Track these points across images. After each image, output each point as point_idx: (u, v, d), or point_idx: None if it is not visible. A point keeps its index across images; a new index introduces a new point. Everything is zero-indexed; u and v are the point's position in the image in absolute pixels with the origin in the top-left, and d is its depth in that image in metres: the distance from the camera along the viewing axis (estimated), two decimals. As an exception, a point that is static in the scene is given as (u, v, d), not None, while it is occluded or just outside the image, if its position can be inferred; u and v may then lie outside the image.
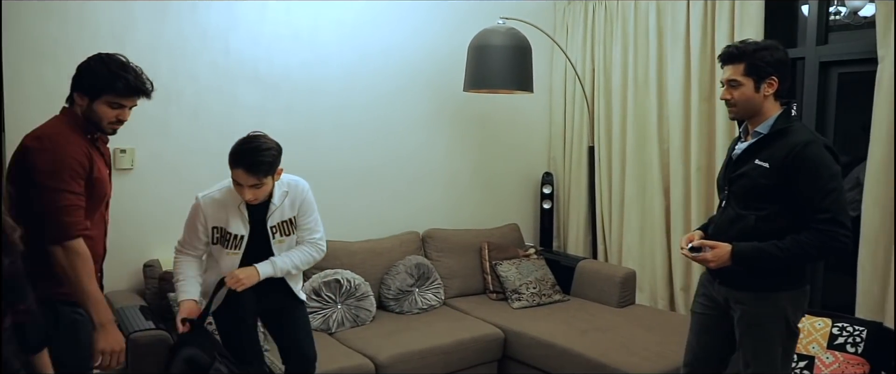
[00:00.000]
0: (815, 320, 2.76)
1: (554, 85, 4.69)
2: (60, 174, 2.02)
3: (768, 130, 2.14)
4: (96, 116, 2.17)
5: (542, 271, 4.03)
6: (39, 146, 2.05)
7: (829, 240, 2.02)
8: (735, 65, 2.15)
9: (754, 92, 2.13)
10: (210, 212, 2.48)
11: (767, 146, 2.12)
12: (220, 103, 3.47)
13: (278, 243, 2.55)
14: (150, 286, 3.12)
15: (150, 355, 2.60)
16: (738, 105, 2.17)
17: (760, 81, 2.12)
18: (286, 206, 2.53)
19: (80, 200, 2.06)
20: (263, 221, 2.50)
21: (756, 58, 2.12)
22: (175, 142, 3.36)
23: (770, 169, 2.08)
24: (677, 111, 3.90)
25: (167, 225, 3.34)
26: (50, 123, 2.17)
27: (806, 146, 2.04)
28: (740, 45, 2.17)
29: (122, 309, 2.86)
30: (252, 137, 2.47)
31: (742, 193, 2.18)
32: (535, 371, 3.36)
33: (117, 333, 2.11)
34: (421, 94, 4.16)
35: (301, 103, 3.72)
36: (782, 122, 2.14)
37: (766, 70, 2.12)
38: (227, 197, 2.49)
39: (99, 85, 2.15)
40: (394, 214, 4.05)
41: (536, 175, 4.72)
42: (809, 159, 2.03)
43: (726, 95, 2.19)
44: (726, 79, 2.19)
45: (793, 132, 2.11)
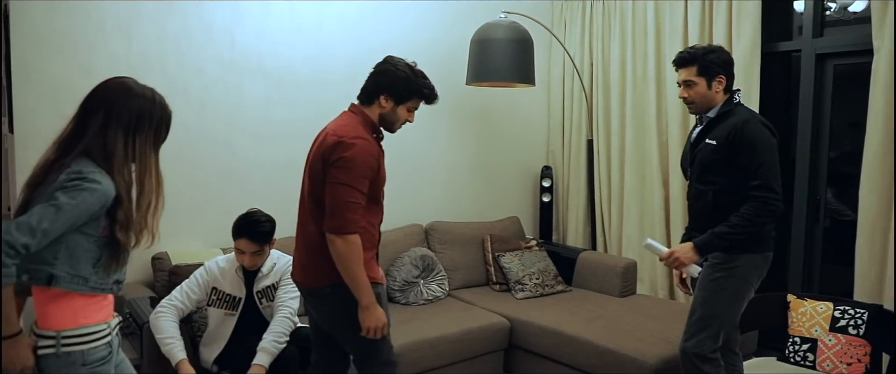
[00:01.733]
0: (817, 303, 2.83)
1: (552, 80, 4.74)
2: (355, 173, 2.16)
3: (715, 114, 2.50)
4: (395, 117, 2.36)
5: (544, 262, 4.08)
6: (354, 145, 2.18)
7: (763, 205, 2.36)
8: (688, 68, 2.49)
9: (707, 89, 2.48)
10: (215, 275, 2.75)
11: (714, 127, 2.48)
12: (226, 96, 3.48)
13: (265, 308, 2.80)
14: (159, 279, 3.13)
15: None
16: (696, 102, 2.51)
17: (711, 79, 2.47)
18: (272, 274, 2.80)
19: (363, 198, 2.19)
20: (251, 283, 2.77)
21: (706, 60, 2.46)
22: (181, 134, 3.34)
23: (717, 145, 2.43)
24: (676, 104, 3.95)
25: (175, 218, 3.35)
26: (352, 124, 2.30)
27: (745, 124, 2.39)
28: (691, 50, 2.52)
29: (132, 301, 2.87)
30: (251, 212, 2.75)
31: (699, 170, 2.53)
32: (542, 359, 3.41)
33: (379, 311, 2.23)
34: (423, 88, 4.18)
35: (305, 96, 3.74)
36: (726, 106, 2.49)
37: (715, 70, 2.46)
38: (229, 265, 2.79)
39: (408, 90, 2.33)
40: (397, 206, 4.07)
41: (535, 169, 4.77)
42: (747, 135, 2.37)
43: (684, 93, 2.53)
44: (682, 80, 2.52)
45: (734, 114, 2.46)
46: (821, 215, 3.60)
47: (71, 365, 1.64)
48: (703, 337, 2.50)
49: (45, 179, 1.64)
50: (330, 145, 2.19)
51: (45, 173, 1.67)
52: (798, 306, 2.86)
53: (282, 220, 2.95)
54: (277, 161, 3.65)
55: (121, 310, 2.97)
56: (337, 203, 2.13)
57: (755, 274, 2.52)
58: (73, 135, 1.70)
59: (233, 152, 3.52)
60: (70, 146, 1.69)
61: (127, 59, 3.19)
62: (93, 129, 1.68)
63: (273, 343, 2.65)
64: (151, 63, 3.26)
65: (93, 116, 1.70)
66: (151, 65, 3.25)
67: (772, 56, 3.71)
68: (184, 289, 2.74)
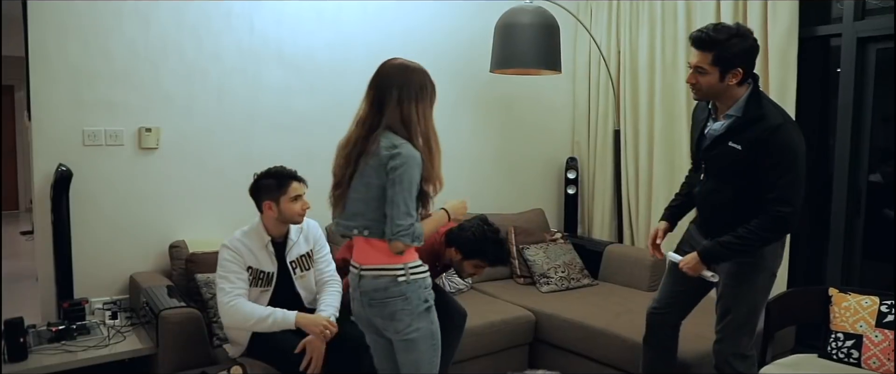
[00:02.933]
0: (862, 298, 2.68)
1: (578, 68, 4.62)
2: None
3: (741, 113, 2.22)
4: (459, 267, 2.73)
5: (570, 255, 3.96)
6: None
7: (776, 220, 2.17)
8: (704, 52, 2.19)
9: (719, 82, 2.19)
10: (244, 253, 2.57)
11: (741, 130, 2.21)
12: (244, 83, 3.41)
13: (300, 279, 2.69)
14: (176, 267, 3.07)
15: (180, 333, 2.54)
16: (703, 90, 2.25)
17: (726, 72, 2.17)
18: (302, 241, 2.69)
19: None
20: (284, 257, 2.64)
21: (725, 48, 2.15)
22: (200, 122, 3.31)
23: (742, 151, 2.19)
24: (707, 91, 3.81)
25: (192, 206, 3.30)
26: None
27: (776, 130, 2.14)
28: (712, 33, 2.17)
29: (149, 290, 2.81)
30: (270, 168, 2.69)
31: (717, 170, 2.33)
32: (569, 354, 3.30)
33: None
34: (444, 76, 4.06)
35: (324, 85, 3.66)
36: (755, 107, 2.20)
37: (733, 61, 2.16)
38: (253, 239, 2.61)
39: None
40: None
41: (560, 160, 4.65)
42: (778, 144, 2.14)
43: (691, 79, 2.26)
44: (694, 64, 2.23)
45: (765, 117, 2.18)
46: (862, 208, 3.44)
47: (418, 286, 2.06)
48: (741, 336, 2.40)
49: (366, 149, 2.02)
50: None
51: (361, 148, 2.04)
52: (841, 301, 2.72)
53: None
54: (297, 150, 3.57)
55: (137, 299, 2.93)
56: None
57: (777, 262, 2.41)
58: (372, 113, 2.06)
59: (251, 141, 3.45)
60: (375, 123, 2.04)
61: (145, 45, 3.13)
62: (390, 105, 2.02)
63: (331, 311, 2.58)
64: (169, 49, 3.19)
65: (387, 94, 2.04)
66: (169, 51, 3.19)
67: (808, 41, 3.55)
68: (229, 278, 2.51)
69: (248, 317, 2.46)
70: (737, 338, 2.39)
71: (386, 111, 2.02)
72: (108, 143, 3.08)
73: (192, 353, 2.57)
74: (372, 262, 2.06)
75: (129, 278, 3.13)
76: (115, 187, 3.11)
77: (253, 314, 2.47)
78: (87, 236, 3.05)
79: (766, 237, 2.20)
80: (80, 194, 3.00)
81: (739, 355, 2.40)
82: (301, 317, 2.48)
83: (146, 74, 3.15)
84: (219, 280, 2.53)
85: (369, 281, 2.06)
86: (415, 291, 2.04)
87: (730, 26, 2.20)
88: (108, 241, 3.11)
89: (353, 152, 2.06)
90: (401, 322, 2.04)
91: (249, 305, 2.49)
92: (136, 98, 3.13)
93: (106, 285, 3.11)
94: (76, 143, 3.01)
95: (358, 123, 2.09)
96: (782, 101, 3.45)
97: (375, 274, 2.05)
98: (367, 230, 2.05)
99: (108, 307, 2.91)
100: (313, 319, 2.48)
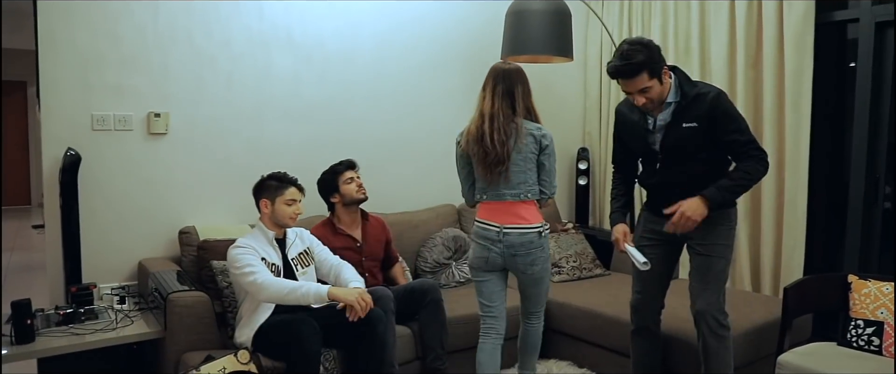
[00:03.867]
0: (882, 284, 2.62)
1: (589, 57, 4.57)
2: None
3: (678, 97, 2.46)
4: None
5: (581, 245, 3.92)
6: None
7: (761, 160, 2.41)
8: (638, 78, 2.38)
9: (660, 85, 2.43)
10: (255, 247, 2.66)
11: (686, 110, 2.44)
12: (254, 69, 3.39)
13: (302, 275, 2.76)
14: (186, 254, 3.05)
15: (189, 316, 2.52)
16: (655, 100, 2.45)
17: (660, 75, 2.42)
18: (299, 241, 2.85)
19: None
20: (285, 253, 2.77)
21: (650, 61, 2.37)
22: (209, 107, 3.29)
23: (699, 127, 2.42)
24: (721, 79, 3.76)
25: (202, 192, 3.28)
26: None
27: (717, 97, 2.42)
28: (629, 60, 2.37)
29: (157, 274, 2.79)
30: (273, 173, 2.83)
31: (680, 154, 2.48)
32: (580, 342, 3.26)
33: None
34: (455, 64, 4.06)
35: (334, 72, 3.64)
36: (689, 86, 2.46)
37: (659, 64, 2.40)
38: (259, 237, 2.74)
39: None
40: (429, 186, 3.96)
41: (571, 151, 4.60)
42: (723, 107, 2.42)
43: (640, 100, 2.44)
44: (635, 90, 2.42)
45: (702, 91, 2.44)
46: (880, 195, 3.38)
47: (546, 238, 2.61)
48: (721, 290, 2.52)
49: (517, 132, 2.53)
50: None
51: (506, 134, 2.52)
52: (860, 287, 2.66)
53: (311, 198, 2.97)
54: (306, 138, 3.56)
55: (145, 285, 2.91)
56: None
57: (736, 218, 2.63)
58: (504, 105, 2.55)
59: (260, 128, 3.43)
60: (509, 112, 2.55)
61: (154, 30, 3.11)
62: (518, 100, 2.57)
63: (360, 283, 2.71)
64: (178, 34, 3.18)
65: (515, 90, 2.58)
66: (178, 36, 3.17)
67: (825, 26, 3.49)
68: (253, 263, 2.57)
69: (282, 287, 2.52)
70: (719, 292, 2.52)
71: (517, 104, 2.55)
72: (116, 127, 3.06)
73: (201, 337, 2.55)
74: (517, 222, 2.55)
75: (138, 263, 3.11)
76: (124, 173, 3.10)
77: (287, 284, 2.55)
78: (95, 222, 3.03)
79: (759, 174, 2.42)
80: (89, 180, 2.99)
81: (723, 310, 2.51)
82: (334, 289, 2.55)
83: (155, 60, 3.13)
84: (242, 269, 2.55)
85: (515, 237, 2.53)
86: (546, 242, 2.61)
87: (632, 46, 2.40)
88: (117, 226, 3.09)
89: (504, 136, 2.50)
90: (537, 266, 2.57)
91: (282, 279, 2.60)
92: (144, 83, 3.12)
93: (115, 271, 3.09)
94: (85, 127, 3.00)
95: (490, 113, 2.54)
96: (799, 84, 3.40)
97: (521, 231, 2.54)
98: (530, 193, 2.57)
99: (117, 293, 2.89)
100: (347, 291, 2.57)
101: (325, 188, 3.15)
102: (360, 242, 3.14)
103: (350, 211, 3.16)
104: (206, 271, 2.90)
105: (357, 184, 3.13)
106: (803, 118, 3.42)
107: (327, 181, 3.14)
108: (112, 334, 2.55)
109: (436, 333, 2.95)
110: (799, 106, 3.44)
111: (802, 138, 3.44)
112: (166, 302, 2.49)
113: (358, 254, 3.09)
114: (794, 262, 3.48)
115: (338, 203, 3.14)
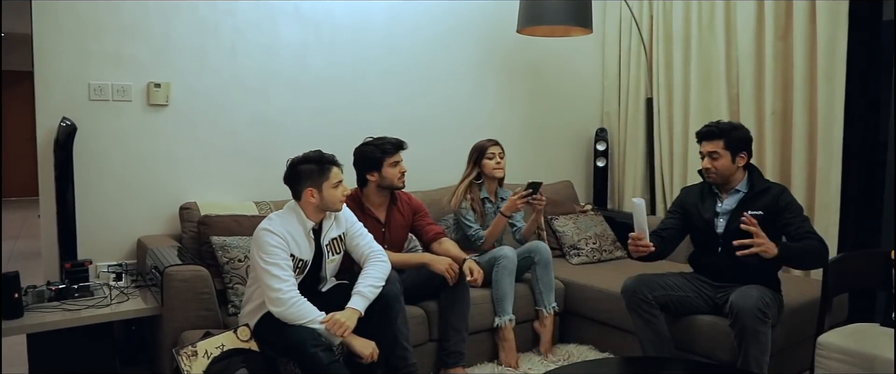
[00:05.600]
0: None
1: (608, 33, 4.40)
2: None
3: (747, 188, 2.66)
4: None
5: (601, 226, 3.75)
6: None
7: (823, 244, 2.50)
8: (715, 141, 2.63)
9: (731, 163, 2.63)
10: (288, 239, 2.35)
11: (755, 200, 2.61)
12: (260, 38, 3.24)
13: (330, 263, 2.55)
14: (187, 230, 2.90)
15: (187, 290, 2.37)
16: (718, 173, 2.64)
17: (736, 155, 2.63)
18: (335, 225, 2.54)
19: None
20: (320, 242, 2.48)
21: (731, 136, 2.62)
22: (212, 79, 3.14)
23: (764, 215, 2.54)
24: (748, 53, 3.59)
25: (203, 167, 3.14)
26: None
27: (782, 192, 2.62)
28: (717, 125, 2.67)
29: (155, 250, 2.64)
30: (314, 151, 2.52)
31: (744, 236, 2.45)
32: (600, 325, 3.11)
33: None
34: (469, 38, 3.90)
35: (344, 44, 3.48)
36: (760, 181, 2.68)
37: (739, 146, 2.62)
38: (296, 226, 2.41)
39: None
40: (442, 164, 3.79)
41: (589, 132, 4.43)
42: (788, 199, 2.60)
43: (708, 164, 2.66)
44: (708, 151, 2.65)
45: (771, 186, 2.66)
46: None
47: None
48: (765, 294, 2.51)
49: None
50: None
51: None
52: (905, 264, 2.48)
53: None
54: (314, 110, 3.41)
55: (144, 262, 2.77)
56: None
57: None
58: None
59: (266, 100, 3.28)
60: None
61: (154, -4, 2.97)
62: None
63: (370, 288, 2.41)
64: (180, 1, 3.03)
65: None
66: (180, 3, 3.03)
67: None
68: (281, 265, 2.29)
69: (303, 316, 2.26)
70: (762, 294, 2.50)
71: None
72: (115, 98, 2.92)
73: (200, 315, 2.40)
74: None
75: (137, 241, 2.97)
76: (122, 145, 2.96)
77: (310, 313, 2.27)
78: (92, 197, 2.89)
79: (822, 254, 2.47)
80: (86, 152, 2.85)
81: (765, 302, 2.47)
82: (328, 323, 2.29)
83: (156, 27, 2.99)
84: (268, 266, 2.26)
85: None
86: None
87: (727, 122, 2.74)
88: (115, 202, 2.95)
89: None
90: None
91: (309, 305, 2.29)
92: (145, 52, 2.97)
93: (113, 249, 2.95)
94: (82, 97, 2.86)
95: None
96: (832, 55, 3.22)
97: None
98: None
99: (114, 269, 2.75)
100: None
101: (366, 163, 2.84)
102: (385, 227, 2.92)
103: (382, 194, 2.90)
104: (206, 247, 2.76)
105: (401, 171, 2.84)
106: (837, 91, 3.25)
107: (371, 158, 2.82)
108: (106, 309, 2.41)
109: (461, 313, 2.80)
110: (832, 78, 3.25)
111: (836, 113, 3.26)
112: (163, 277, 2.34)
113: (381, 239, 2.81)
114: (828, 241, 3.25)
115: (373, 182, 2.85)
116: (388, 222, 2.92)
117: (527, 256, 3.10)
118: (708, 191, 2.74)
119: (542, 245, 3.13)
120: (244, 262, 2.66)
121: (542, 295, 3.10)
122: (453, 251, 2.87)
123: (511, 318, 2.98)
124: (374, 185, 2.86)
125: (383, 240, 2.86)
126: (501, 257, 2.99)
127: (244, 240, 2.72)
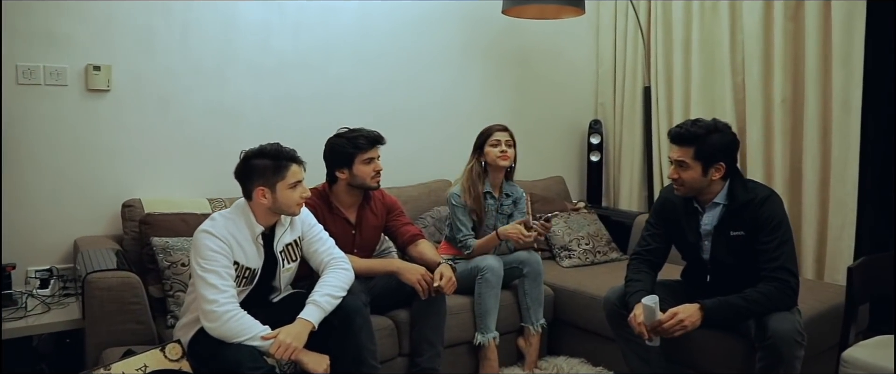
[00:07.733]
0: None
1: (602, 18, 4.10)
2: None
3: (727, 200, 2.24)
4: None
5: (594, 226, 3.44)
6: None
7: (783, 289, 2.10)
8: (684, 147, 2.19)
9: (702, 176, 2.19)
10: (233, 245, 2.06)
11: (739, 214, 2.22)
12: (215, 18, 2.93)
13: (286, 272, 2.25)
14: (129, 230, 2.59)
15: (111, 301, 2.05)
16: (686, 186, 2.23)
17: (709, 167, 2.18)
18: (289, 229, 2.23)
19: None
20: (272, 249, 2.18)
21: (707, 143, 2.16)
22: (160, 61, 2.83)
23: (746, 235, 2.21)
24: (755, 36, 3.31)
25: (150, 159, 2.83)
26: None
27: (764, 203, 2.18)
28: (691, 128, 2.19)
29: (87, 253, 2.32)
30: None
31: (733, 263, 2.25)
32: (592, 335, 2.81)
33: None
34: (450, 20, 3.59)
35: (312, 25, 3.18)
36: (743, 191, 2.23)
37: (715, 156, 2.17)
38: (242, 229, 2.11)
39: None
40: (423, 159, 3.49)
41: (582, 124, 4.13)
42: (768, 214, 2.17)
43: (674, 174, 2.24)
44: (675, 158, 2.22)
45: (751, 195, 2.21)
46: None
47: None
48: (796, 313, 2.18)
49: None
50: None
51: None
52: (939, 268, 2.18)
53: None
54: (277, 98, 3.11)
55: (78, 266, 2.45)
56: None
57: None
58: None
59: (222, 85, 2.97)
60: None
61: (93, -33, 2.65)
62: None
63: (327, 298, 2.11)
64: (123, -27, 2.71)
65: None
66: (123, -24, 2.71)
67: None
68: (220, 273, 1.99)
69: (243, 332, 1.95)
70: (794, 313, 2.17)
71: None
72: (47, 82, 2.61)
73: (129, 327, 2.08)
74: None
75: (74, 242, 2.65)
76: (56, 136, 2.64)
77: (251, 329, 1.97)
78: (21, 194, 2.58)
79: (774, 306, 2.09)
80: (13, 143, 2.54)
81: (801, 325, 2.13)
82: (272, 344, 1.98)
83: (95, 2, 2.67)
84: (205, 274, 1.98)
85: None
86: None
87: (702, 122, 2.20)
88: (49, 199, 2.64)
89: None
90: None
91: (250, 319, 1.99)
92: (82, 30, 2.66)
93: (47, 252, 2.64)
94: (8, 80, 2.54)
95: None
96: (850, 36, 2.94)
97: None
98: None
99: (41, 275, 2.43)
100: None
101: (335, 159, 2.51)
102: (355, 229, 2.60)
103: (353, 193, 2.57)
104: (147, 249, 2.44)
105: (375, 169, 2.51)
106: (854, 76, 2.98)
107: (341, 153, 2.49)
108: (19, 323, 2.09)
109: (436, 325, 2.49)
110: (849, 62, 2.97)
111: (853, 101, 2.98)
112: (84, 284, 2.02)
113: (350, 242, 2.54)
114: (844, 243, 3.02)
115: (343, 179, 2.52)
116: (360, 223, 2.60)
117: (515, 266, 2.78)
118: (690, 199, 2.33)
119: (534, 256, 2.80)
120: (188, 266, 2.35)
121: (530, 311, 2.78)
122: (429, 255, 2.55)
123: (495, 336, 2.66)
124: (343, 183, 2.53)
125: (353, 244, 2.55)
126: (485, 268, 2.65)
127: (190, 241, 2.40)
